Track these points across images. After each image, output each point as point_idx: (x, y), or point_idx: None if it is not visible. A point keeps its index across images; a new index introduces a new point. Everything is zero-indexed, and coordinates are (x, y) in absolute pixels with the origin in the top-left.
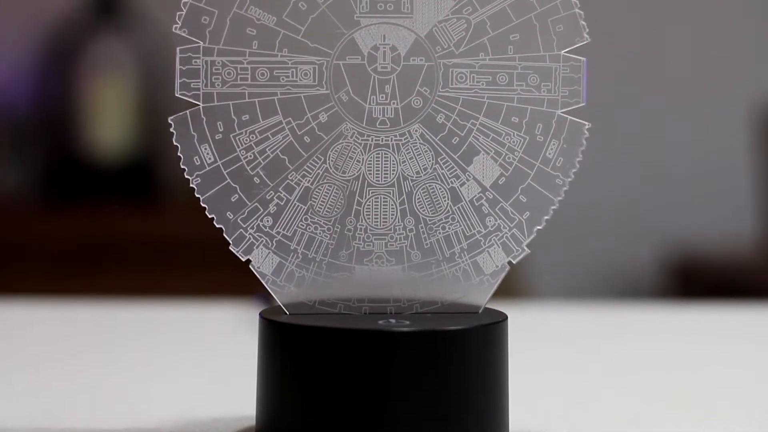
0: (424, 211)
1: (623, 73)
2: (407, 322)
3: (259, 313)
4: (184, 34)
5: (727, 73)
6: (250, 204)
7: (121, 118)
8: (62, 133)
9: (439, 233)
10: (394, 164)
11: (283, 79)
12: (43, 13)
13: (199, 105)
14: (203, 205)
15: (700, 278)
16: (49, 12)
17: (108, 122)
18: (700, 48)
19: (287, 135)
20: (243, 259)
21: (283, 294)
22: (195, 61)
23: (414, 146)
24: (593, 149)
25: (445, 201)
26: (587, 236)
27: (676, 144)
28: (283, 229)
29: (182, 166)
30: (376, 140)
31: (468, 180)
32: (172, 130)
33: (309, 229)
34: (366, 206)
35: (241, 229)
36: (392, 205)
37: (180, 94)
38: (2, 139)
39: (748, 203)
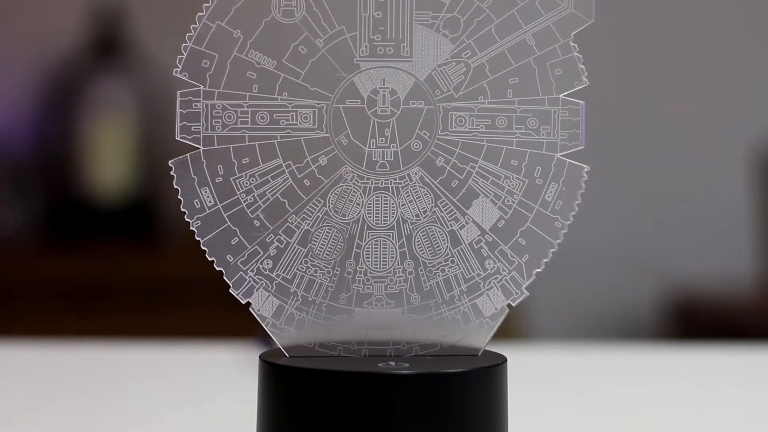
0: (423, 254)
1: (622, 115)
2: (407, 365)
3: (259, 356)
4: (184, 78)
5: (726, 115)
6: (250, 247)
7: (121, 158)
8: (62, 174)
9: (439, 276)
10: (393, 207)
11: (283, 122)
12: (44, 54)
13: (199, 148)
14: (203, 248)
15: (700, 319)
16: (49, 53)
17: (108, 163)
18: (700, 90)
19: (287, 178)
20: (243, 302)
21: (282, 337)
22: (195, 105)
23: (413, 189)
24: (592, 191)
25: (444, 244)
26: (587, 277)
27: (675, 185)
28: (283, 272)
29: (182, 209)
30: (375, 183)
31: (467, 223)
32: (172, 173)
33: (309, 272)
34: (366, 249)
35: (241, 272)
36: (392, 248)
37: (180, 138)
38: (2, 180)
39: (747, 244)
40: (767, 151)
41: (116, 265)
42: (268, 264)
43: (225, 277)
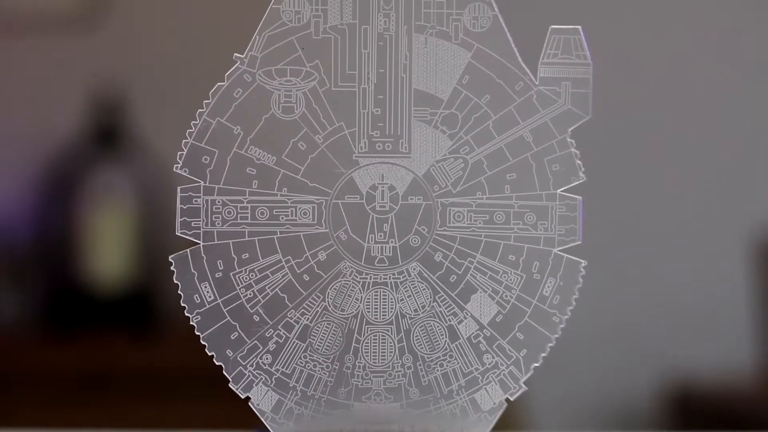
0: (422, 348)
1: (619, 207)
2: None
3: None
4: (185, 174)
5: (724, 204)
6: (249, 342)
7: (121, 248)
8: (62, 264)
9: (437, 371)
10: (392, 302)
11: (282, 218)
12: (43, 142)
13: (199, 243)
14: (203, 342)
15: (700, 410)
16: (48, 142)
17: (107, 253)
18: (698, 178)
19: (286, 273)
20: (242, 396)
21: (282, 431)
22: (195, 200)
23: (412, 284)
24: (590, 282)
25: (443, 338)
26: (585, 369)
27: (672, 276)
28: (282, 367)
29: (183, 304)
30: (374, 278)
31: (466, 318)
32: (172, 268)
33: (308, 366)
34: (364, 344)
35: (241, 367)
36: (390, 342)
37: (181, 233)
38: (1, 269)
39: (747, 334)
40: (766, 242)
41: (116, 355)
42: (267, 359)
43: (225, 372)
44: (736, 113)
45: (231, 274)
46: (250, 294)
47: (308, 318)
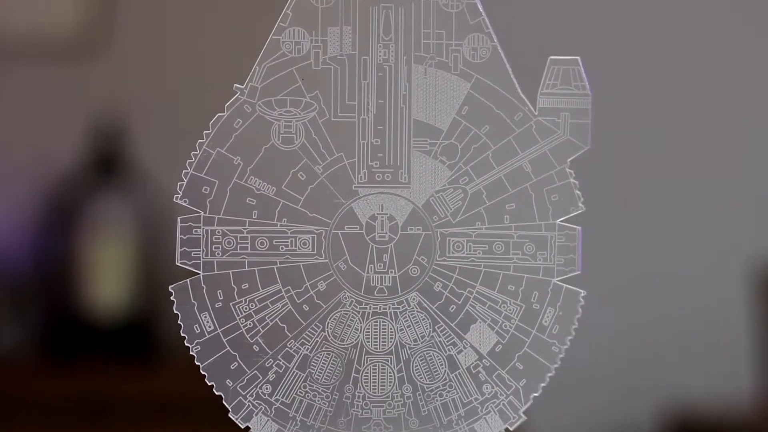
0: (421, 378)
1: (619, 235)
2: None
3: None
4: (185, 204)
5: (724, 234)
6: (249, 372)
7: (121, 277)
8: (61, 293)
9: (437, 400)
10: (392, 332)
11: (282, 248)
12: (43, 171)
13: (199, 273)
14: (203, 372)
15: None
16: (49, 171)
17: (107, 282)
18: (698, 207)
19: (286, 303)
20: (242, 426)
21: None
22: (195, 231)
23: (412, 314)
24: (589, 312)
25: (442, 368)
26: (585, 398)
27: (672, 305)
28: (282, 397)
29: (182, 334)
30: (374, 308)
31: (465, 348)
32: (172, 298)
33: (308, 396)
34: (364, 374)
35: (241, 397)
36: (390, 372)
37: (181, 263)
38: (1, 298)
39: (747, 363)
40: (766, 270)
41: (115, 385)
42: (267, 389)
43: (224, 402)
44: (735, 142)
45: (231, 304)
46: (249, 324)
47: (308, 348)
